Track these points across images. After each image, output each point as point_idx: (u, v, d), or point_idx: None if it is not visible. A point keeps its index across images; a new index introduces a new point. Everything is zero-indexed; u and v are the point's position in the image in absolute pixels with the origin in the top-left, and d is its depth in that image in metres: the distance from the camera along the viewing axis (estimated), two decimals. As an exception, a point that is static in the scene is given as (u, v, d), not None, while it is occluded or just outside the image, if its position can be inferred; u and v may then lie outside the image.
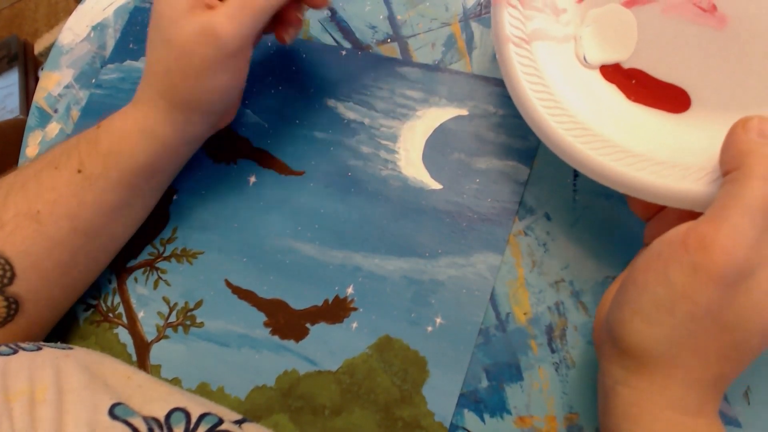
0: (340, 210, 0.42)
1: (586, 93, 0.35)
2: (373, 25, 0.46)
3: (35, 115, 0.49)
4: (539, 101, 0.34)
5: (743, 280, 0.25)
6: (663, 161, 0.31)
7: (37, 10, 1.57)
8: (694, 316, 0.26)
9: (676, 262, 0.26)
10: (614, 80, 0.36)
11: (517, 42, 0.36)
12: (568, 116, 0.34)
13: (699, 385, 0.27)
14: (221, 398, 0.40)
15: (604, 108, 0.35)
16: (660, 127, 0.33)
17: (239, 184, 0.44)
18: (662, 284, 0.26)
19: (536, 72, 0.35)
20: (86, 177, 0.37)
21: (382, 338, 0.39)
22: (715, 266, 0.25)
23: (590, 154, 0.32)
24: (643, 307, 0.27)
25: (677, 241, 0.26)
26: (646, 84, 0.34)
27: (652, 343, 0.27)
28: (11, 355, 0.31)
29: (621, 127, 0.34)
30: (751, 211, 0.25)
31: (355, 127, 0.44)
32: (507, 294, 0.39)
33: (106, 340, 0.43)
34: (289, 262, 0.42)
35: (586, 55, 0.36)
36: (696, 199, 0.28)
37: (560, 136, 0.33)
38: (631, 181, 0.30)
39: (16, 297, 0.36)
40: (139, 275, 0.44)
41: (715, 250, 0.25)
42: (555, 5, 0.37)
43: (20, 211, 0.37)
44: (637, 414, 0.28)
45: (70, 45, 0.51)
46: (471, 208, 0.40)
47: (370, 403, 0.38)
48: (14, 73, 1.47)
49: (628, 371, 0.28)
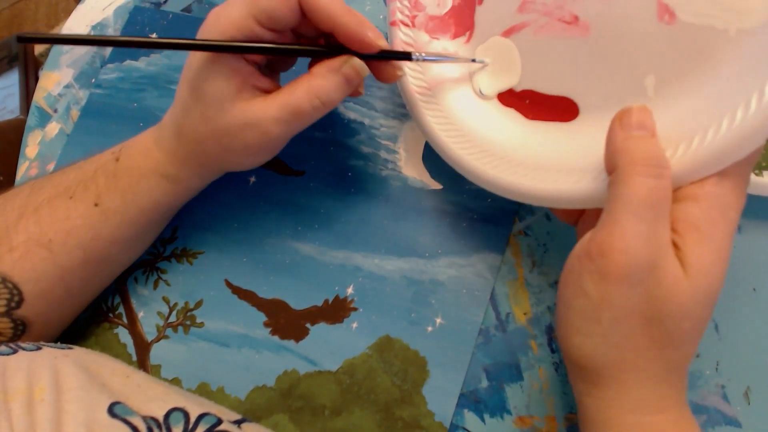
0: (340, 210, 0.42)
1: (490, 120, 0.38)
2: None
3: (35, 115, 0.49)
4: (448, 138, 0.37)
5: (649, 273, 0.26)
6: (561, 168, 0.32)
7: (38, 11, 1.57)
8: (619, 319, 0.27)
9: (586, 272, 0.27)
10: (511, 104, 0.38)
11: (421, 90, 0.39)
12: (471, 142, 0.37)
13: (654, 382, 0.28)
14: (221, 398, 0.40)
15: (509, 130, 0.37)
16: (558, 136, 0.35)
17: (239, 184, 0.44)
18: (581, 296, 0.27)
19: (441, 111, 0.38)
20: (103, 212, 0.37)
21: (382, 338, 0.39)
22: (617, 268, 0.26)
23: (491, 172, 0.34)
24: (574, 321, 0.28)
25: (583, 253, 0.27)
26: (539, 101, 0.36)
27: (592, 353, 0.28)
28: (10, 354, 0.31)
29: (527, 143, 0.36)
30: (635, 208, 0.25)
31: (355, 127, 0.44)
32: (507, 294, 0.39)
33: (106, 340, 0.43)
34: (289, 262, 0.42)
35: (482, 89, 0.39)
36: (595, 197, 0.29)
37: (465, 162, 0.36)
38: (528, 191, 0.32)
39: (23, 319, 0.36)
40: (140, 275, 0.44)
41: (614, 254, 0.26)
42: (446, 50, 0.40)
43: (31, 237, 0.36)
44: (604, 421, 0.28)
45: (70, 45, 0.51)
46: (471, 208, 0.40)
47: (370, 404, 0.38)
48: (14, 74, 1.46)
49: (587, 383, 0.29)
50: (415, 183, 0.42)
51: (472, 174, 0.36)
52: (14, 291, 0.36)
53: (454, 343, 0.38)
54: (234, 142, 0.35)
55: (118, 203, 0.37)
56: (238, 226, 0.43)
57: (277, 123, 0.33)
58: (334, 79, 0.33)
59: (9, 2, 1.58)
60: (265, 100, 0.34)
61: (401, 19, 0.40)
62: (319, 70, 0.33)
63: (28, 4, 1.58)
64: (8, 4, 1.58)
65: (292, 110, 0.33)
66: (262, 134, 0.34)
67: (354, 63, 0.33)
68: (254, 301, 0.41)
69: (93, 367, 0.33)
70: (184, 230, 0.44)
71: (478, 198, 0.40)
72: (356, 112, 0.44)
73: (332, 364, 0.39)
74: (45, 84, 0.50)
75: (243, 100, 0.34)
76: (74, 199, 0.37)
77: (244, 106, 0.34)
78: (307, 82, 0.33)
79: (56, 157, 0.48)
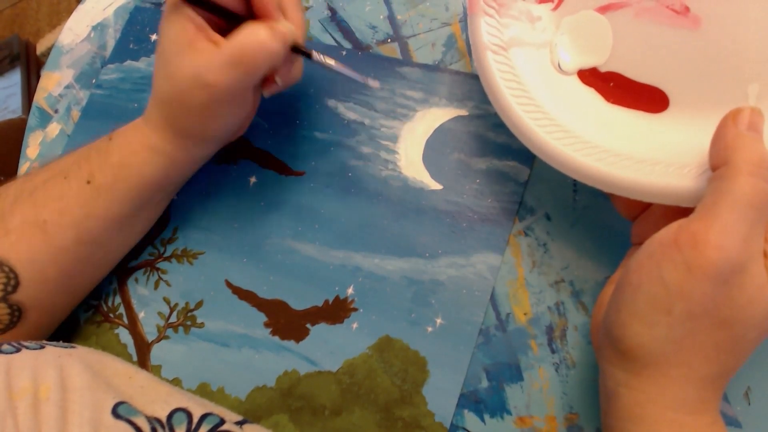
0: (341, 210, 0.42)
1: (564, 96, 0.36)
2: (373, 25, 0.46)
3: (36, 115, 0.49)
4: (519, 106, 0.35)
5: (736, 275, 0.25)
6: (644, 159, 0.31)
7: (39, 10, 1.57)
8: (691, 314, 0.26)
9: (669, 261, 0.26)
10: (592, 84, 0.36)
11: (495, 50, 0.36)
12: (549, 119, 0.34)
13: (700, 383, 0.27)
14: (221, 398, 0.40)
15: (583, 111, 0.35)
16: (639, 127, 0.34)
17: (239, 184, 0.44)
18: (657, 284, 0.26)
19: (515, 78, 0.36)
20: (95, 188, 0.37)
21: (383, 338, 0.39)
22: (708, 263, 0.25)
23: (573, 155, 0.32)
24: (639, 308, 0.27)
25: (669, 241, 0.26)
26: (624, 86, 0.35)
27: (651, 344, 0.27)
28: (14, 353, 0.31)
29: (601, 128, 0.34)
30: (741, 206, 0.25)
31: (356, 127, 0.44)
32: (507, 294, 0.39)
33: (107, 340, 0.43)
34: (290, 263, 0.42)
35: (562, 61, 0.37)
36: (679, 194, 0.29)
37: (542, 139, 0.33)
38: (614, 180, 0.31)
39: (19, 305, 0.36)
40: (140, 275, 0.44)
41: (708, 248, 0.25)
42: (530, 13, 0.38)
43: (27, 219, 0.36)
44: (640, 415, 0.28)
45: (71, 45, 0.51)
46: (471, 208, 0.40)
47: (370, 403, 0.38)
48: (16, 73, 1.46)
49: (630, 373, 0.28)
50: (415, 183, 0.42)
51: (543, 151, 0.33)
52: (11, 275, 0.36)
53: (454, 343, 0.38)
54: (190, 99, 0.35)
55: (110, 179, 0.37)
56: (238, 226, 0.43)
57: (220, 70, 0.34)
58: (278, 34, 0.34)
59: (11, 2, 1.58)
60: (212, 50, 0.34)
61: None
62: (256, 23, 0.35)
63: (30, 4, 1.58)
64: (10, 3, 1.58)
65: (246, 52, 0.34)
66: (208, 86, 0.34)
67: (287, 25, 0.36)
68: (254, 302, 0.41)
69: (97, 366, 0.33)
70: (184, 230, 0.44)
71: (478, 198, 0.40)
72: (356, 112, 0.44)
73: (332, 364, 0.39)
74: (46, 84, 0.51)
75: (195, 51, 0.34)
76: (68, 178, 0.37)
77: (193, 56, 0.34)
78: (257, 28, 0.34)
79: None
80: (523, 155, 0.40)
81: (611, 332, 0.29)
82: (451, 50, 0.44)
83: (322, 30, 0.47)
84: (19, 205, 0.37)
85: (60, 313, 0.41)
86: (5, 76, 1.45)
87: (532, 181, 0.40)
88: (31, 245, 0.36)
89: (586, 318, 0.37)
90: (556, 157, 0.33)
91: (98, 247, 0.39)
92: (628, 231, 0.38)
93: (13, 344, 0.32)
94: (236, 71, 0.34)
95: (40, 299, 0.38)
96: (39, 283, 0.37)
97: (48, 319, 0.40)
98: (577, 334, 0.37)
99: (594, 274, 0.38)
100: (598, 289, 0.38)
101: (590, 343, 0.37)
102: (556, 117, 0.35)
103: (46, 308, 0.39)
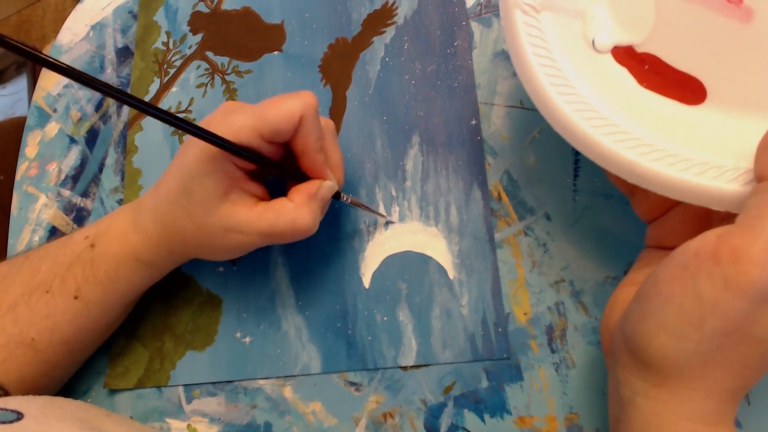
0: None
1: (595, 72, 0.33)
2: None
3: (34, 114, 0.49)
4: (546, 76, 0.31)
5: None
6: (676, 154, 0.29)
7: (45, 16, 1.58)
8: (724, 331, 0.24)
9: (705, 274, 0.24)
10: (626, 63, 0.34)
11: (525, 9, 0.33)
12: (576, 94, 0.31)
13: (723, 396, 0.26)
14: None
15: (614, 90, 0.32)
16: (672, 117, 0.31)
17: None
18: (690, 297, 0.25)
19: (544, 44, 0.33)
20: (84, 304, 0.36)
21: None
22: (748, 280, 0.23)
23: (601, 139, 0.29)
24: (668, 320, 0.26)
25: (707, 252, 0.25)
26: (660, 71, 0.32)
27: (677, 357, 0.26)
28: (13, 422, 0.29)
29: (631, 113, 0.31)
30: None
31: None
32: (507, 294, 0.38)
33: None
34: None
35: (597, 36, 0.34)
36: (718, 197, 0.26)
37: (566, 115, 0.30)
38: (644, 172, 0.28)
39: (4, 387, 0.36)
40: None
41: (751, 264, 0.23)
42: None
43: (11, 339, 0.35)
44: (657, 425, 0.27)
45: (69, 44, 0.51)
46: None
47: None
48: (23, 79, 1.47)
49: (649, 383, 0.27)
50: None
51: (566, 128, 0.30)
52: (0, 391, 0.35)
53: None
54: (215, 242, 0.35)
55: (99, 294, 0.37)
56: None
57: (260, 237, 0.35)
58: (314, 206, 0.35)
59: (17, 8, 1.59)
60: (251, 211, 0.34)
61: None
62: (299, 198, 0.35)
63: (36, 10, 1.59)
64: (16, 10, 1.59)
65: (278, 233, 0.34)
66: (243, 241, 0.35)
67: (327, 185, 0.36)
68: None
69: (95, 422, 0.32)
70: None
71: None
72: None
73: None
74: (44, 84, 0.50)
75: (229, 203, 0.34)
76: (52, 293, 0.36)
77: (229, 210, 0.34)
78: (293, 212, 0.34)
79: (55, 157, 0.47)
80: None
81: (633, 341, 0.27)
82: (450, 48, 0.44)
83: (322, 29, 0.47)
84: (0, 322, 0.36)
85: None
86: (12, 82, 1.46)
87: (532, 181, 0.40)
88: (21, 364, 0.36)
89: (586, 318, 0.37)
90: (584, 140, 0.30)
91: (86, 353, 0.40)
92: (628, 231, 0.38)
93: (14, 410, 0.30)
94: (266, 240, 0.35)
95: (28, 396, 0.36)
96: (29, 390, 0.36)
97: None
98: (577, 334, 0.37)
99: (594, 274, 0.38)
100: (598, 289, 0.37)
101: (590, 343, 0.37)
102: (582, 93, 0.32)
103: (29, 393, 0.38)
